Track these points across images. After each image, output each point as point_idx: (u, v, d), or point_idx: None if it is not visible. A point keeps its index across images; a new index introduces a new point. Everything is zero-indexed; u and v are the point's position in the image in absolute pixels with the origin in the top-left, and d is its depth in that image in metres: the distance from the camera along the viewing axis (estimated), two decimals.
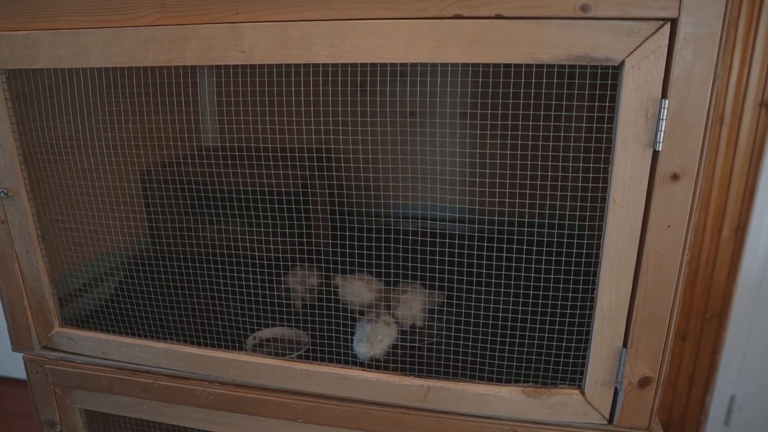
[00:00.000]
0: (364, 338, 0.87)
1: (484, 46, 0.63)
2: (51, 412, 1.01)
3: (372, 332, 0.88)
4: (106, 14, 0.74)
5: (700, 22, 0.59)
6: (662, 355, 0.71)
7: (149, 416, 0.96)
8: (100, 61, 0.75)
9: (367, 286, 1.03)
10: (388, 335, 0.89)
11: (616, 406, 0.74)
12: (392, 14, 0.65)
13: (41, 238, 0.91)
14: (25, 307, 0.95)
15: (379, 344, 0.87)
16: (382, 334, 0.88)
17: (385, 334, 0.89)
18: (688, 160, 0.63)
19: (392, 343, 0.90)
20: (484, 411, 0.79)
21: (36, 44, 0.77)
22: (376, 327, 0.89)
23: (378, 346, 0.87)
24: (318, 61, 0.68)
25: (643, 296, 0.69)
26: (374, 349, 0.87)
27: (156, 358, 0.91)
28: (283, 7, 0.68)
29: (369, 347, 0.87)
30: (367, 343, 0.87)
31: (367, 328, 0.89)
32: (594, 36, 0.61)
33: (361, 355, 0.87)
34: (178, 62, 0.73)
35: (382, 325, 0.90)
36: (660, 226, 0.66)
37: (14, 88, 0.84)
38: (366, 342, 0.87)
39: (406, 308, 0.98)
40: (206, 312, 1.02)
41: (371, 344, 0.87)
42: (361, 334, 0.89)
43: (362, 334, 0.88)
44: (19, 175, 0.87)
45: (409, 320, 0.98)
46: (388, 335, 0.89)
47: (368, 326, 0.89)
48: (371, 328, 0.89)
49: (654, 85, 0.61)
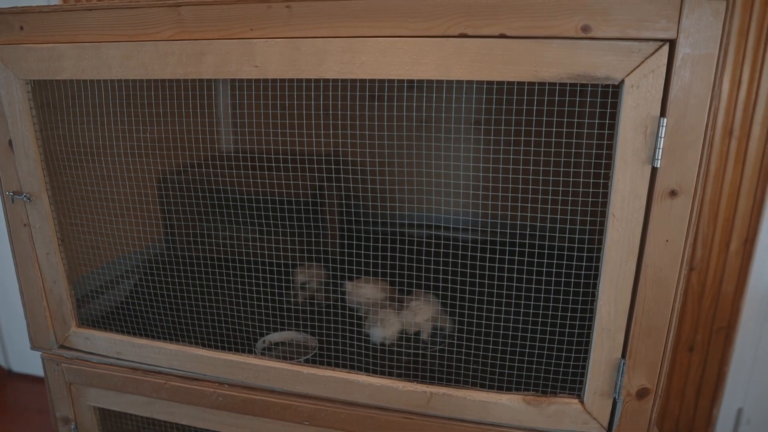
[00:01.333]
0: (378, 322, 0.98)
1: (488, 65, 0.65)
2: (66, 409, 1.05)
3: (383, 316, 0.98)
4: (127, 29, 0.77)
5: (697, 43, 0.60)
6: (660, 366, 0.73)
7: (160, 415, 0.99)
8: (121, 73, 0.79)
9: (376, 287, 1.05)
10: (398, 322, 1.00)
11: (615, 416, 0.76)
12: (401, 32, 0.68)
13: (61, 241, 0.94)
14: (44, 307, 0.98)
15: (392, 327, 0.98)
16: (391, 318, 0.99)
17: (395, 321, 1.00)
18: (686, 176, 0.65)
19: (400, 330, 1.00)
20: (485, 418, 0.81)
21: (60, 57, 0.81)
22: (384, 312, 1.00)
23: (390, 328, 0.98)
24: (328, 76, 0.71)
25: (642, 309, 0.70)
26: (387, 331, 0.97)
27: (168, 359, 0.94)
28: (295, 24, 0.71)
29: (382, 330, 0.97)
30: (379, 326, 0.97)
31: (380, 314, 1.00)
32: (595, 55, 0.63)
33: (374, 337, 0.98)
34: (194, 75, 0.76)
35: (388, 312, 1.01)
36: (658, 241, 0.67)
37: (39, 97, 0.88)
38: (378, 325, 0.98)
39: (412, 315, 1.00)
40: (218, 315, 1.05)
41: (383, 327, 0.97)
42: (375, 319, 0.99)
43: (376, 319, 0.99)
44: (42, 181, 0.90)
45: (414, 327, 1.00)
46: (398, 322, 1.00)
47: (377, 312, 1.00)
48: (380, 313, 0.99)
49: (653, 103, 0.63)
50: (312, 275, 1.13)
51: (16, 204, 0.93)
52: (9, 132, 0.89)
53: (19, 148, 0.89)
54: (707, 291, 1.49)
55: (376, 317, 0.99)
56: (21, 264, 0.97)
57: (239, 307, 1.05)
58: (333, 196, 1.22)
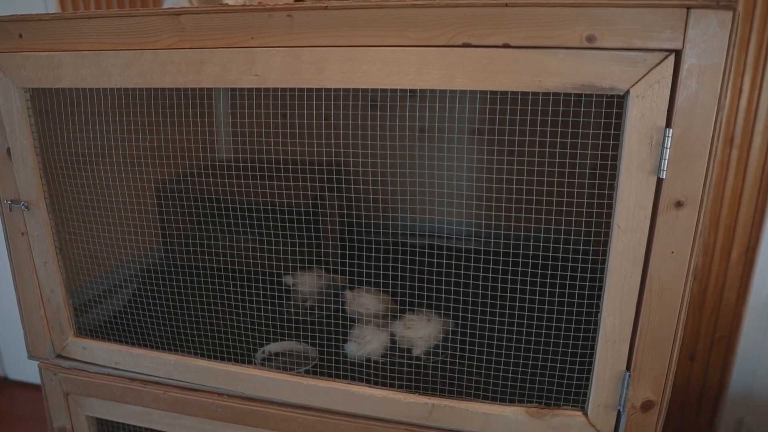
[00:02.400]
0: (352, 339, 0.95)
1: (491, 74, 0.65)
2: (63, 419, 1.03)
3: (359, 333, 0.95)
4: (127, 37, 0.76)
5: (704, 53, 0.60)
6: (666, 379, 0.72)
7: (159, 426, 0.98)
8: (120, 81, 0.78)
9: (376, 298, 1.04)
10: (377, 337, 0.95)
11: (619, 429, 0.75)
12: (402, 42, 0.67)
13: (59, 249, 0.93)
14: (42, 316, 0.97)
15: (368, 344, 0.93)
16: (370, 334, 0.95)
17: (374, 336, 0.95)
18: (692, 187, 0.64)
19: (384, 345, 0.96)
20: (487, 430, 0.80)
21: (59, 65, 0.80)
22: (364, 329, 0.96)
23: (366, 346, 0.93)
24: (329, 86, 0.70)
25: (647, 320, 0.69)
26: (362, 349, 0.93)
27: (167, 369, 0.93)
28: (296, 33, 0.70)
29: (356, 347, 0.93)
30: (354, 342, 0.94)
31: (357, 330, 0.96)
32: (599, 66, 0.63)
33: (349, 353, 0.94)
34: (194, 84, 0.75)
35: (371, 327, 0.96)
36: (664, 252, 0.66)
37: (37, 105, 0.87)
38: (353, 342, 0.94)
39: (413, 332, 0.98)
40: (217, 324, 1.04)
41: (358, 344, 0.93)
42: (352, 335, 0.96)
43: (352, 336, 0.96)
44: (40, 189, 0.90)
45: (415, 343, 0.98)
46: (377, 337, 0.95)
47: (359, 328, 0.97)
48: (359, 329, 0.96)
49: (658, 114, 0.63)
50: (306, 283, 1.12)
51: (13, 212, 0.92)
52: (7, 140, 0.88)
53: (17, 156, 0.88)
54: (708, 299, 1.49)
55: (357, 332, 0.96)
56: (18, 273, 0.96)
57: (238, 317, 1.04)
58: (333, 205, 1.21)
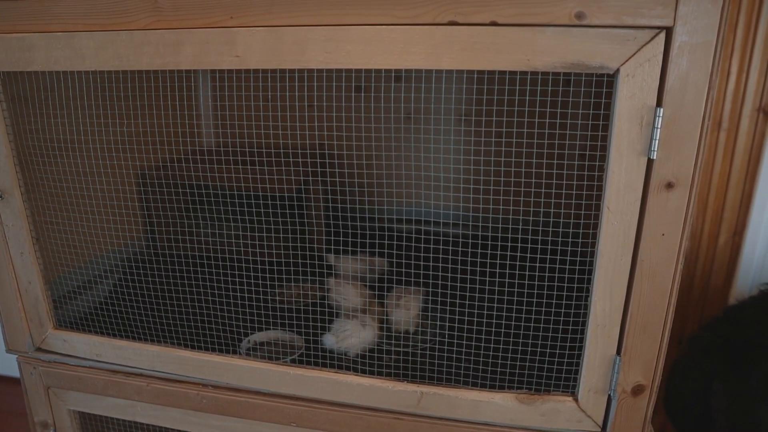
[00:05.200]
0: (331, 331, 0.92)
1: (479, 53, 0.63)
2: (45, 414, 1.01)
3: (340, 326, 0.92)
4: (101, 18, 0.74)
5: (695, 31, 0.58)
6: (656, 362, 0.71)
7: (142, 419, 0.96)
8: (95, 64, 0.75)
9: (357, 290, 1.03)
10: (358, 333, 0.92)
11: (610, 414, 0.74)
12: (387, 20, 0.65)
13: (35, 240, 0.91)
14: (19, 309, 0.95)
15: (346, 340, 0.90)
16: (350, 329, 0.91)
17: (355, 332, 0.91)
18: (683, 168, 0.63)
19: (365, 344, 0.92)
20: (477, 417, 0.79)
21: (30, 47, 0.77)
22: (345, 322, 0.93)
23: (345, 341, 0.90)
24: (312, 66, 0.68)
25: (637, 304, 0.68)
26: (339, 342, 0.90)
27: (150, 361, 0.91)
28: (277, 12, 0.68)
29: (334, 340, 0.91)
30: (332, 335, 0.91)
31: (337, 323, 0.93)
32: (589, 44, 0.61)
33: (327, 345, 0.91)
34: (172, 66, 0.72)
35: (354, 323, 0.93)
36: (654, 235, 0.66)
37: (9, 90, 0.84)
38: (331, 334, 0.91)
39: (399, 312, 0.98)
40: (201, 314, 1.02)
41: (336, 337, 0.91)
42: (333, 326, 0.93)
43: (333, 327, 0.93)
44: (14, 177, 0.87)
45: (403, 324, 0.98)
46: (358, 333, 0.92)
47: (339, 321, 0.93)
48: (341, 322, 0.93)
49: (649, 93, 0.61)
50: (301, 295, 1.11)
51: None
52: None
53: None
54: (696, 284, 1.49)
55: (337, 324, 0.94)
56: None
57: (223, 307, 1.02)
58: (318, 191, 1.19)
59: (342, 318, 0.96)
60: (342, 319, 0.95)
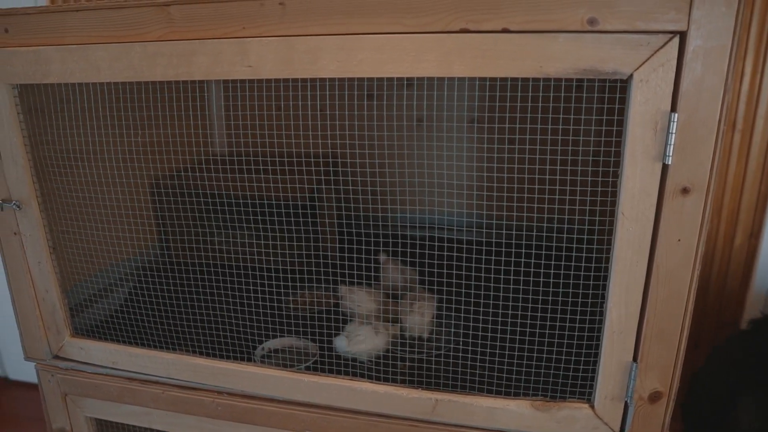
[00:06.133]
0: (344, 333, 0.92)
1: (491, 60, 0.63)
2: (62, 420, 1.02)
3: (353, 330, 0.92)
4: (115, 30, 0.74)
5: (709, 35, 0.58)
6: (673, 369, 0.71)
7: (158, 426, 0.96)
8: (109, 75, 0.76)
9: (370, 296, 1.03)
10: (371, 339, 0.91)
11: (627, 421, 0.73)
12: (398, 29, 0.65)
13: (52, 249, 0.92)
14: (37, 317, 0.96)
15: (359, 344, 0.90)
16: (364, 335, 0.91)
17: (368, 337, 0.91)
18: (699, 173, 0.62)
19: (377, 350, 0.92)
20: (492, 424, 0.78)
21: (47, 60, 0.78)
22: (359, 327, 0.92)
23: (357, 345, 0.90)
24: (324, 75, 0.68)
25: (653, 310, 0.68)
26: (351, 346, 0.90)
27: (165, 368, 0.91)
28: (288, 22, 0.68)
29: (346, 342, 0.90)
30: (345, 337, 0.91)
31: (351, 326, 0.93)
32: (602, 49, 0.61)
33: (337, 349, 0.91)
34: (185, 77, 0.73)
35: (367, 328, 0.93)
36: (670, 240, 0.65)
37: (26, 101, 0.85)
38: (345, 337, 0.91)
39: (414, 317, 0.97)
40: (216, 322, 1.03)
41: (349, 340, 0.90)
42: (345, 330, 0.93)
43: (345, 330, 0.93)
44: (31, 188, 0.88)
45: (417, 330, 0.97)
46: (371, 339, 0.91)
47: (353, 325, 0.93)
48: (354, 326, 0.93)
49: (663, 98, 0.61)
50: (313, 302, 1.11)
51: (5, 212, 0.91)
52: None
53: (6, 154, 0.86)
54: (712, 287, 1.47)
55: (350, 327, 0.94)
56: (12, 273, 0.95)
57: (237, 314, 1.02)
58: (330, 198, 1.19)
59: (356, 323, 0.96)
60: (356, 323, 0.95)
